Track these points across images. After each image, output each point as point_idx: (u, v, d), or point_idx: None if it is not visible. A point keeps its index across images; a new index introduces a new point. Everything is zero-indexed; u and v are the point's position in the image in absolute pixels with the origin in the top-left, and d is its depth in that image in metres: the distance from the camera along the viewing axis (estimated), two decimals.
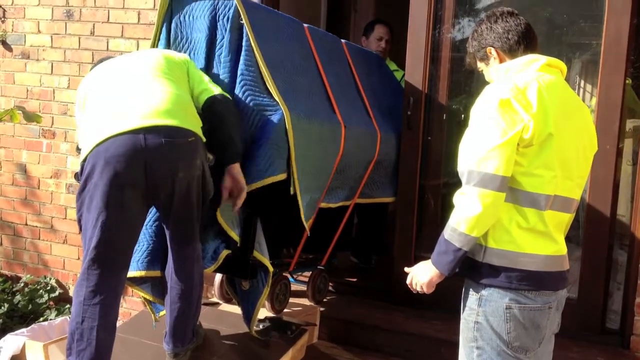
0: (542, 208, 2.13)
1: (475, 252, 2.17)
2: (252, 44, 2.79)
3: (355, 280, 4.26)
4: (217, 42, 2.88)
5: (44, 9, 4.55)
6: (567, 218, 2.28)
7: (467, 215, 2.08)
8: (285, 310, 3.49)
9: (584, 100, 3.82)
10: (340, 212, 3.47)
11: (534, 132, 2.06)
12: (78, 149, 2.70)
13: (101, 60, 2.95)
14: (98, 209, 2.43)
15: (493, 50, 2.33)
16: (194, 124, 2.58)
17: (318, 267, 3.71)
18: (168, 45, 2.96)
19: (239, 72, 2.79)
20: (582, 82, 3.84)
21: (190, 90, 2.74)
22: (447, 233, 2.15)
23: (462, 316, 2.26)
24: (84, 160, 2.47)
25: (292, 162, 2.80)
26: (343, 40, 3.72)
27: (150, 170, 2.45)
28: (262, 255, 2.89)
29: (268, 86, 2.82)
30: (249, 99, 2.77)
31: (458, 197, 2.14)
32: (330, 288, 3.99)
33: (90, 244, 2.46)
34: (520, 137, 2.07)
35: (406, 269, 2.36)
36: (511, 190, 2.11)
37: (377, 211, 4.15)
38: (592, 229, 3.42)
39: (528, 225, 2.12)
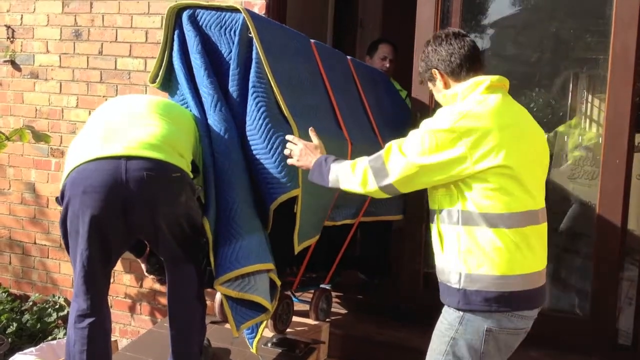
0: (513, 226, 2.16)
1: (452, 279, 2.22)
2: (262, 59, 2.79)
3: (362, 297, 4.23)
4: (224, 55, 2.87)
5: (53, 29, 4.59)
6: (542, 228, 2.31)
7: (353, 186, 2.37)
8: (296, 328, 3.47)
9: (591, 115, 3.81)
10: (344, 230, 3.45)
11: (481, 156, 2.11)
12: None
13: None
14: (81, 246, 2.46)
15: (437, 73, 2.38)
16: (181, 161, 2.52)
17: (321, 286, 3.69)
18: (183, 54, 2.93)
19: (250, 84, 2.77)
20: (590, 97, 3.83)
21: (194, 140, 2.71)
22: (334, 173, 2.43)
23: (437, 327, 2.30)
24: (64, 185, 2.47)
25: (298, 179, 2.79)
26: (349, 57, 3.73)
27: (130, 205, 2.44)
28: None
29: (278, 100, 2.81)
30: (261, 110, 2.73)
31: (366, 163, 2.34)
32: (337, 305, 3.98)
33: (76, 274, 2.51)
34: (463, 164, 2.13)
35: (293, 141, 2.62)
36: (481, 215, 2.16)
37: (381, 229, 4.14)
38: (602, 244, 3.40)
39: (502, 246, 2.15)
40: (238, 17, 2.81)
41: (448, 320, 2.25)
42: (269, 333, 3.29)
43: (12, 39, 4.72)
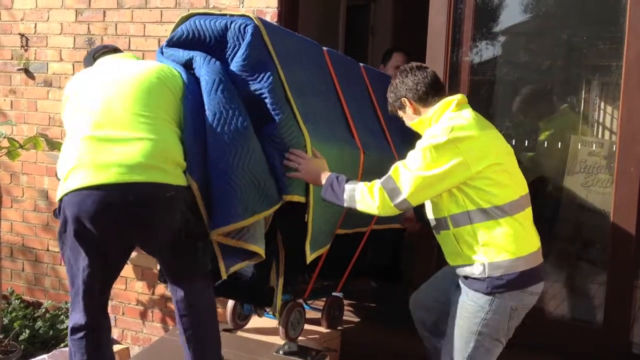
0: (515, 212, 2.55)
1: (475, 271, 2.56)
2: (277, 66, 2.78)
3: (375, 305, 4.22)
4: (229, 51, 2.83)
5: (66, 37, 4.62)
6: (530, 211, 2.66)
7: (370, 209, 2.60)
8: (307, 336, 3.47)
9: (604, 123, 3.80)
10: (356, 238, 3.44)
11: (477, 158, 2.48)
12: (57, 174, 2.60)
13: (100, 52, 2.84)
14: (82, 263, 2.48)
15: (406, 100, 2.76)
16: (174, 175, 2.46)
17: (333, 294, 3.68)
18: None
19: (263, 92, 2.72)
20: (602, 104, 3.81)
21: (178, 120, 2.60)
22: (348, 193, 2.62)
23: (464, 308, 2.61)
24: (60, 200, 2.45)
25: (310, 188, 2.78)
26: (361, 64, 3.72)
27: (127, 229, 2.47)
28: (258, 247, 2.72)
29: (292, 107, 2.80)
30: (279, 117, 2.71)
31: (378, 185, 2.58)
32: (349, 313, 3.97)
33: (75, 288, 2.52)
34: (465, 168, 2.47)
35: (298, 154, 2.71)
36: (487, 209, 2.51)
37: (393, 236, 4.12)
38: (617, 252, 3.38)
39: (512, 232, 2.52)
40: (249, 22, 2.79)
41: (478, 303, 2.57)
42: (280, 341, 3.29)
43: (26, 47, 4.76)
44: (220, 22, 2.83)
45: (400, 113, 2.86)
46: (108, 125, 2.42)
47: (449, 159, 2.46)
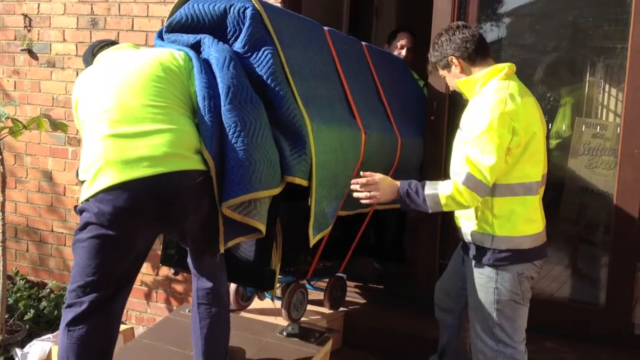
0: (535, 193, 2.63)
1: (484, 240, 2.65)
2: (278, 48, 2.77)
3: (379, 286, 4.24)
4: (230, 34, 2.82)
5: (69, 17, 4.60)
6: (543, 189, 2.73)
7: (460, 207, 2.62)
8: (310, 317, 3.48)
9: (608, 105, 3.79)
10: (358, 219, 3.44)
11: (525, 129, 2.53)
12: (77, 175, 2.55)
13: (99, 47, 2.82)
14: (111, 259, 2.42)
15: (454, 59, 2.70)
16: (197, 160, 2.46)
17: (336, 274, 3.70)
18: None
19: (266, 73, 2.71)
20: (607, 86, 3.79)
21: (191, 102, 2.58)
22: (431, 200, 2.60)
23: (476, 282, 2.71)
24: (86, 201, 2.38)
25: (312, 171, 2.77)
26: (364, 43, 3.69)
27: (161, 220, 2.45)
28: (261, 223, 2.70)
29: (293, 90, 2.79)
30: (285, 98, 2.71)
31: (460, 186, 2.55)
32: (354, 295, 3.98)
33: (85, 276, 2.41)
34: (517, 142, 2.52)
35: (365, 179, 2.72)
36: (508, 185, 2.58)
37: (396, 216, 4.12)
38: (620, 233, 3.38)
39: (525, 210, 2.60)
40: (248, 5, 2.77)
41: (485, 274, 2.67)
42: (283, 321, 3.31)
43: (29, 28, 4.75)
44: (219, 6, 2.80)
45: (443, 72, 2.81)
46: (125, 121, 2.40)
47: (507, 132, 2.49)
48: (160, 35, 2.96)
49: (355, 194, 2.73)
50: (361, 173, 2.77)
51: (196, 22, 2.84)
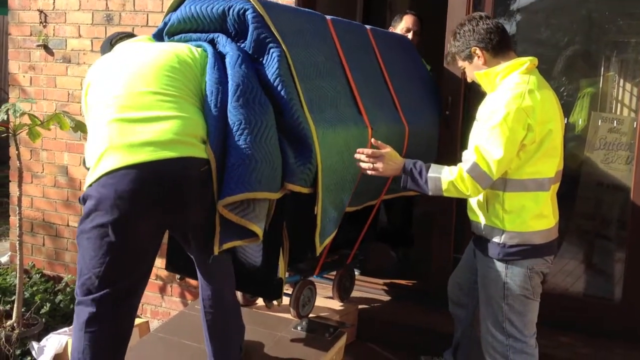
0: (547, 189, 2.59)
1: (495, 235, 2.63)
2: (284, 49, 2.71)
3: (392, 280, 4.24)
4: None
5: (85, 13, 4.63)
6: (557, 185, 2.71)
7: (460, 195, 2.59)
8: (323, 312, 3.49)
9: (623, 100, 3.77)
10: (366, 209, 3.38)
11: (541, 125, 2.49)
12: (84, 163, 2.54)
13: (117, 38, 2.82)
14: (118, 250, 2.35)
15: (477, 50, 2.64)
16: (203, 149, 2.42)
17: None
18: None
19: (273, 74, 2.67)
20: (622, 81, 3.77)
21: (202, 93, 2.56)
22: (433, 183, 2.59)
23: (486, 276, 2.70)
24: (89, 186, 2.34)
25: (318, 177, 2.71)
26: (368, 27, 3.59)
27: (162, 206, 2.38)
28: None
29: (299, 94, 2.74)
30: (292, 102, 2.67)
31: (465, 174, 2.54)
32: (366, 289, 3.98)
33: (93, 269, 2.36)
34: (531, 138, 2.49)
35: (371, 150, 2.71)
36: (520, 181, 2.56)
37: (404, 201, 4.07)
38: (636, 229, 3.36)
39: (537, 206, 2.57)
40: (247, 6, 2.71)
41: (494, 269, 2.66)
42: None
43: (44, 24, 4.78)
44: (217, 8, 2.75)
45: (463, 63, 2.75)
46: (133, 107, 2.39)
47: (521, 128, 2.46)
48: (159, 36, 2.93)
49: (359, 164, 2.71)
50: (372, 141, 2.75)
51: (195, 25, 2.82)
